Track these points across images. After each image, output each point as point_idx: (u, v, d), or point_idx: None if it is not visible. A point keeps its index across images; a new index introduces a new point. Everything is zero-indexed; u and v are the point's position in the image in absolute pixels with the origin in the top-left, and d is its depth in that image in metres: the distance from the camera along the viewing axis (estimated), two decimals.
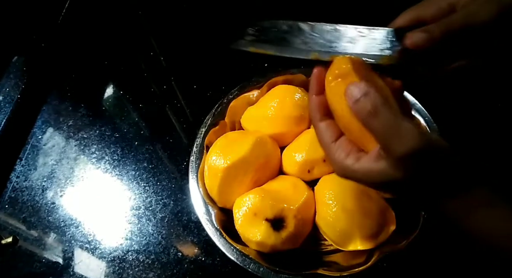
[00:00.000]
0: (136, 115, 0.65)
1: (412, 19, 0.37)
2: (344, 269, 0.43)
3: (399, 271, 0.45)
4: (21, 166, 0.61)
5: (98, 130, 0.63)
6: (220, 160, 0.48)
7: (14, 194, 0.59)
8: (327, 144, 0.34)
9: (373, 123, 0.29)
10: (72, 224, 0.55)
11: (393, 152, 0.29)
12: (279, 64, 0.64)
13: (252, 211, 0.45)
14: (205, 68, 0.68)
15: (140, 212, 0.55)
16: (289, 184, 0.49)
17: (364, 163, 0.31)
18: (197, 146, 0.53)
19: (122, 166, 0.59)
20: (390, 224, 0.45)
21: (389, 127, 0.29)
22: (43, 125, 0.65)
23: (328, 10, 0.72)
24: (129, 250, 0.52)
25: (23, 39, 0.71)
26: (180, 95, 0.65)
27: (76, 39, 0.75)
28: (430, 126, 0.50)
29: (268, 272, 0.44)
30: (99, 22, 0.77)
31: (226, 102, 0.56)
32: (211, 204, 0.49)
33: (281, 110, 0.51)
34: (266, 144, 0.50)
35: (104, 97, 0.68)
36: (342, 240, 0.45)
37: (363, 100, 0.29)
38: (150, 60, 0.71)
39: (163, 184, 0.57)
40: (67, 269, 0.52)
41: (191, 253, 0.51)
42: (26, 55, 0.70)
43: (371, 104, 0.29)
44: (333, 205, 0.45)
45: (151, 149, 0.60)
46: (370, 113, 0.29)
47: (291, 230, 0.44)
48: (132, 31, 0.75)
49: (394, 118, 0.29)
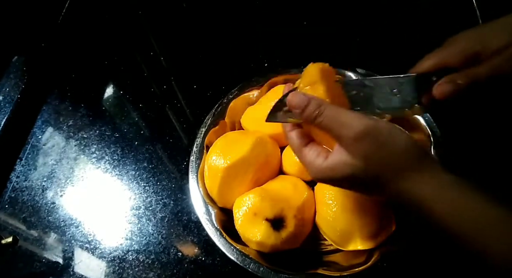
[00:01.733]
0: (136, 115, 0.65)
1: (437, 65, 0.37)
2: (344, 269, 0.43)
3: (399, 271, 0.45)
4: (21, 166, 0.61)
5: (98, 130, 0.63)
6: (220, 160, 0.48)
7: (14, 193, 0.59)
8: (299, 149, 0.37)
9: (321, 122, 0.33)
10: (72, 224, 0.55)
11: (345, 140, 0.33)
12: (279, 64, 0.64)
13: (252, 210, 0.45)
14: (205, 68, 0.68)
15: (140, 212, 0.55)
16: (289, 184, 0.49)
17: (330, 159, 0.34)
18: (197, 146, 0.53)
19: (122, 165, 0.59)
20: (390, 224, 0.45)
21: (334, 120, 0.33)
22: (43, 125, 0.65)
23: (328, 11, 0.72)
24: (129, 250, 0.52)
25: (23, 39, 0.71)
26: (180, 95, 0.65)
27: (76, 39, 0.75)
28: (430, 125, 0.50)
29: (268, 272, 0.44)
30: (99, 22, 0.77)
31: (226, 102, 0.56)
32: (211, 204, 0.49)
33: None
34: (266, 143, 0.50)
35: (104, 97, 0.68)
36: (342, 240, 0.45)
37: (309, 106, 0.34)
38: (150, 60, 0.71)
39: (163, 183, 0.57)
40: (67, 269, 0.52)
41: (191, 253, 0.51)
42: (26, 55, 0.70)
43: (314, 107, 0.34)
44: (333, 205, 0.45)
45: (151, 149, 0.60)
46: (316, 115, 0.33)
47: (291, 230, 0.44)
48: (132, 31, 0.75)
49: (336, 111, 0.33)
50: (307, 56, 0.65)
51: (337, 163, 0.33)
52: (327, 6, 0.72)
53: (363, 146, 0.32)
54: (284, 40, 0.69)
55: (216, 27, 0.73)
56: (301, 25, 0.70)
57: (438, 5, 0.69)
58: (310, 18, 0.71)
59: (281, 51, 0.67)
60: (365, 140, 0.32)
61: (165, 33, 0.74)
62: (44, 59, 0.71)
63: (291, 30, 0.70)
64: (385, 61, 0.62)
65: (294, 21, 0.71)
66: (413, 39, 0.66)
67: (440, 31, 0.66)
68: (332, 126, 0.33)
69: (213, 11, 0.75)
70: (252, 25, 0.72)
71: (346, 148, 0.33)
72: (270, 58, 0.66)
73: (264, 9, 0.74)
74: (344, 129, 0.32)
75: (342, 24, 0.70)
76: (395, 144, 0.32)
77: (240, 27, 0.72)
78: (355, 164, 0.33)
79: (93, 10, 0.78)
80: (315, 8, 0.72)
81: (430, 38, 0.65)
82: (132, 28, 0.76)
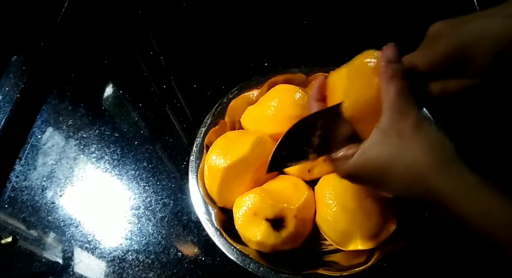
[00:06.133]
0: (135, 115, 0.65)
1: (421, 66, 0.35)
2: (344, 269, 0.43)
3: (399, 271, 0.45)
4: (21, 166, 0.61)
5: (98, 130, 0.63)
6: (220, 160, 0.48)
7: (13, 193, 0.58)
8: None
9: (392, 84, 0.33)
10: (72, 223, 0.55)
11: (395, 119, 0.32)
12: (279, 64, 0.64)
13: (252, 210, 0.45)
14: (205, 68, 0.68)
15: (140, 212, 0.55)
16: (289, 184, 0.49)
17: (368, 139, 0.33)
18: (197, 146, 0.53)
19: (122, 165, 0.59)
20: (390, 224, 0.45)
21: (401, 93, 0.32)
22: (43, 125, 0.65)
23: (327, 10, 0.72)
24: (129, 250, 0.52)
25: (23, 38, 0.71)
26: (180, 95, 0.65)
27: (76, 38, 0.75)
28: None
29: (268, 272, 0.44)
30: (98, 22, 0.77)
31: (226, 101, 0.56)
32: (211, 203, 0.49)
33: (281, 110, 0.51)
34: (266, 143, 0.50)
35: (103, 97, 0.68)
36: (342, 239, 0.45)
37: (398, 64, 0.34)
38: (150, 60, 0.70)
39: (163, 183, 0.57)
40: (67, 269, 0.52)
41: (191, 253, 0.51)
42: (25, 55, 0.70)
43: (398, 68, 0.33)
44: (333, 205, 0.45)
45: (151, 149, 0.60)
46: (395, 74, 0.33)
47: (291, 229, 0.44)
48: (132, 31, 0.75)
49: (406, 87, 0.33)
50: (307, 56, 0.66)
51: (374, 141, 0.33)
52: (327, 6, 0.72)
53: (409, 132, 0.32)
54: (284, 40, 0.69)
55: (216, 27, 0.73)
56: (301, 25, 0.70)
57: (439, 3, 0.69)
58: (310, 18, 0.71)
59: (281, 51, 0.67)
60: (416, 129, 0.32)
61: (165, 33, 0.74)
62: (43, 58, 0.71)
63: (291, 30, 0.70)
64: None
65: (294, 21, 0.71)
66: (413, 38, 0.66)
67: None
68: (396, 97, 0.32)
69: (213, 11, 0.75)
70: (252, 25, 0.72)
71: (388, 127, 0.32)
72: (270, 58, 0.66)
73: (264, 9, 0.74)
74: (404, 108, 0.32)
75: (342, 23, 0.70)
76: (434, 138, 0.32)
77: (240, 27, 0.72)
78: (390, 149, 0.32)
79: (93, 10, 0.78)
80: (315, 7, 0.72)
81: None
82: (132, 27, 0.76)
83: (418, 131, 0.32)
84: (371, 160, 0.33)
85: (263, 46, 0.69)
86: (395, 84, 0.32)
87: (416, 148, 0.32)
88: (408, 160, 0.32)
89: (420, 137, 0.32)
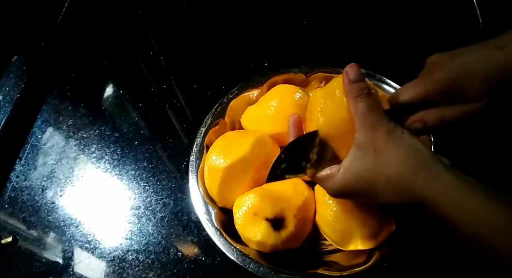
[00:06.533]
0: (136, 115, 0.65)
1: (416, 98, 0.37)
2: (344, 269, 0.43)
3: (399, 271, 0.45)
4: (21, 166, 0.61)
5: (98, 130, 0.63)
6: (220, 160, 0.48)
7: (13, 193, 0.58)
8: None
9: (360, 103, 0.35)
10: (72, 223, 0.55)
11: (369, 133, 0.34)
12: (279, 64, 0.64)
13: (252, 210, 0.45)
14: (205, 68, 0.68)
15: (140, 212, 0.55)
16: (289, 184, 0.48)
17: (346, 158, 0.36)
18: (197, 146, 0.53)
19: (122, 165, 0.59)
20: (390, 224, 0.45)
21: (372, 109, 0.35)
22: (43, 125, 0.65)
23: (327, 10, 0.72)
24: (129, 250, 0.52)
25: (23, 38, 0.71)
26: (180, 95, 0.65)
27: (76, 38, 0.75)
28: None
29: (268, 272, 0.44)
30: (98, 22, 0.77)
31: (226, 101, 0.56)
32: (211, 203, 0.49)
33: (281, 110, 0.51)
34: (266, 143, 0.50)
35: (103, 97, 0.68)
36: (342, 239, 0.45)
37: (364, 82, 0.36)
38: (150, 60, 0.71)
39: (163, 183, 0.57)
40: (67, 269, 0.52)
41: (191, 253, 0.51)
42: (25, 55, 0.70)
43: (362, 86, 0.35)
44: (333, 205, 0.45)
45: (151, 149, 0.60)
46: (363, 94, 0.35)
47: (291, 229, 0.44)
48: (132, 31, 0.75)
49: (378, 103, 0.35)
50: (307, 56, 0.66)
51: (352, 158, 0.35)
52: (327, 6, 0.72)
53: (383, 142, 0.34)
54: (284, 40, 0.69)
55: (216, 27, 0.73)
56: (301, 25, 0.70)
57: (439, 4, 0.69)
58: (310, 18, 0.71)
59: (281, 51, 0.67)
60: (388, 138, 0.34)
61: (165, 33, 0.74)
62: (43, 58, 0.71)
63: (291, 30, 0.70)
64: (386, 60, 0.62)
65: (294, 21, 0.71)
66: (414, 38, 0.66)
67: (440, 31, 0.66)
68: (365, 113, 0.34)
69: (213, 11, 0.75)
70: (252, 25, 0.72)
71: (363, 142, 0.34)
72: (270, 58, 0.66)
73: (264, 9, 0.74)
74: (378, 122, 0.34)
75: (342, 24, 0.70)
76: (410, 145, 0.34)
77: (240, 27, 0.72)
78: (369, 163, 0.34)
79: (93, 10, 0.78)
80: (315, 7, 0.72)
81: (431, 37, 0.65)
82: (132, 27, 0.76)
83: (393, 141, 0.34)
84: (354, 176, 0.35)
85: (263, 46, 0.69)
86: (362, 102, 0.35)
87: (393, 158, 0.33)
88: (387, 172, 0.33)
89: (395, 146, 0.34)
